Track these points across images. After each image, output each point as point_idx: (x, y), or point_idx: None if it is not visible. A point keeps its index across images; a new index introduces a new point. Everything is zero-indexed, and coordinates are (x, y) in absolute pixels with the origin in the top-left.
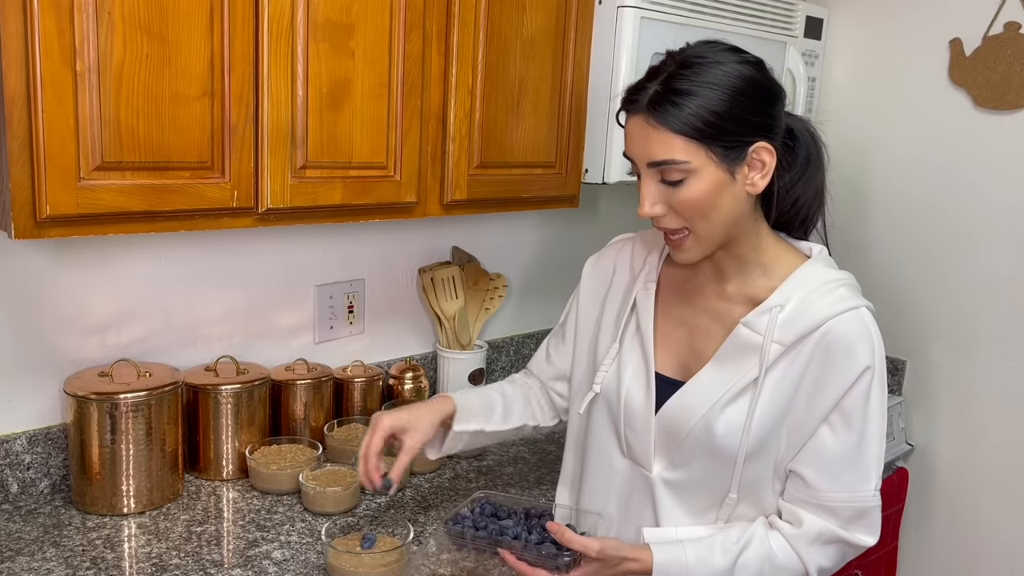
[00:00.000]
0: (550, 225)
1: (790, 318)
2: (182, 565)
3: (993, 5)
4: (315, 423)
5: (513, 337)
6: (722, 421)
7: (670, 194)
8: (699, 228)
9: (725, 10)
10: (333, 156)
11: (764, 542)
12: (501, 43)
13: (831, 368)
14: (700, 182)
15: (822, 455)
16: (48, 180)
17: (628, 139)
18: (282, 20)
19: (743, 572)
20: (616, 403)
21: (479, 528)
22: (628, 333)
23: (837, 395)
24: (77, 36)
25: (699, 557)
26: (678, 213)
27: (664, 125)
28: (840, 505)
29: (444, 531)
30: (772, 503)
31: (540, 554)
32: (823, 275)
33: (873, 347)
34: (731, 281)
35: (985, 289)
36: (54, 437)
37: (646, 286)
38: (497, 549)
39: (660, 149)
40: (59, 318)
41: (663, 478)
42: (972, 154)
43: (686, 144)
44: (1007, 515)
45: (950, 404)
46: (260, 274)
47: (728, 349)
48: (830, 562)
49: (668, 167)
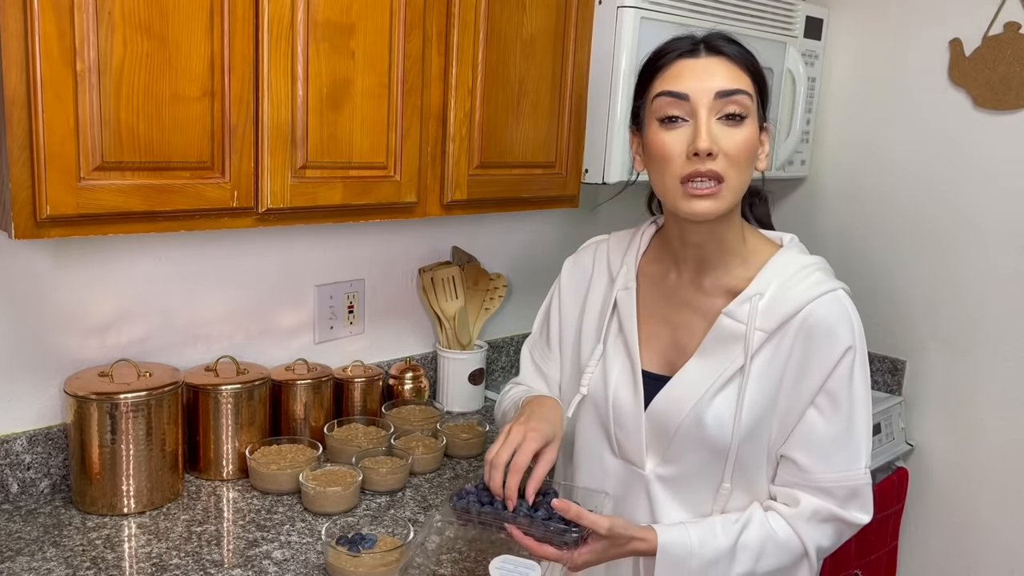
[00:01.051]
0: (550, 225)
1: (770, 305)
2: (182, 565)
3: (993, 5)
4: (315, 423)
5: (513, 337)
6: (711, 411)
7: (723, 135)
8: (734, 179)
9: (725, 10)
10: (333, 156)
11: (764, 522)
12: (501, 43)
13: (814, 351)
14: (750, 127)
15: (812, 438)
16: (48, 180)
17: (687, 76)
18: (282, 20)
19: (744, 551)
20: (604, 404)
21: (484, 503)
22: (611, 334)
23: (822, 377)
24: (77, 36)
25: (702, 538)
26: (728, 156)
27: (733, 59)
28: (834, 485)
29: (449, 506)
30: (765, 490)
31: (548, 530)
32: (798, 261)
33: (852, 327)
34: (710, 274)
35: (985, 289)
36: (54, 437)
37: (626, 285)
38: (504, 524)
39: (733, 78)
40: (59, 318)
41: (657, 474)
42: (972, 154)
43: (751, 82)
44: (1007, 515)
45: (949, 404)
46: (260, 274)
47: (712, 340)
48: (828, 541)
49: (737, 97)
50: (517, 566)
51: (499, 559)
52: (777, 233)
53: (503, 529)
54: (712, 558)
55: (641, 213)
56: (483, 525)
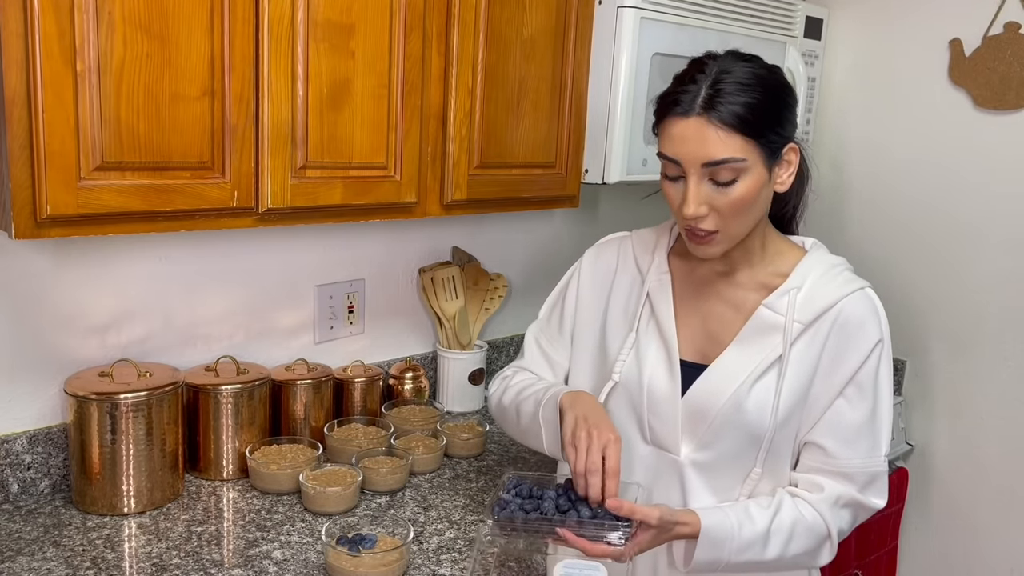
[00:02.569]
0: (550, 225)
1: (807, 299)
2: (182, 565)
3: (993, 5)
4: (315, 423)
5: (513, 337)
6: (752, 398)
7: (716, 195)
8: (732, 228)
9: (725, 10)
10: (333, 156)
11: (792, 506)
12: (501, 43)
13: (847, 344)
14: (749, 181)
15: (840, 425)
16: (48, 180)
17: (676, 140)
18: (282, 20)
19: (778, 534)
20: (638, 391)
21: (528, 511)
22: (643, 322)
23: (853, 368)
24: (77, 36)
25: (740, 521)
26: (720, 213)
27: (724, 123)
28: (857, 471)
29: (493, 519)
30: (787, 475)
31: (602, 527)
32: (827, 261)
33: (880, 322)
34: (741, 271)
35: (985, 289)
36: (54, 437)
37: (660, 278)
38: (555, 528)
39: (720, 148)
40: (59, 318)
41: (691, 460)
42: (972, 154)
43: (744, 142)
44: (1007, 515)
45: (950, 404)
46: (260, 274)
47: (750, 330)
48: (847, 524)
49: (725, 166)
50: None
51: (564, 563)
52: (799, 237)
53: (552, 534)
54: (749, 540)
55: (641, 213)
56: (529, 533)
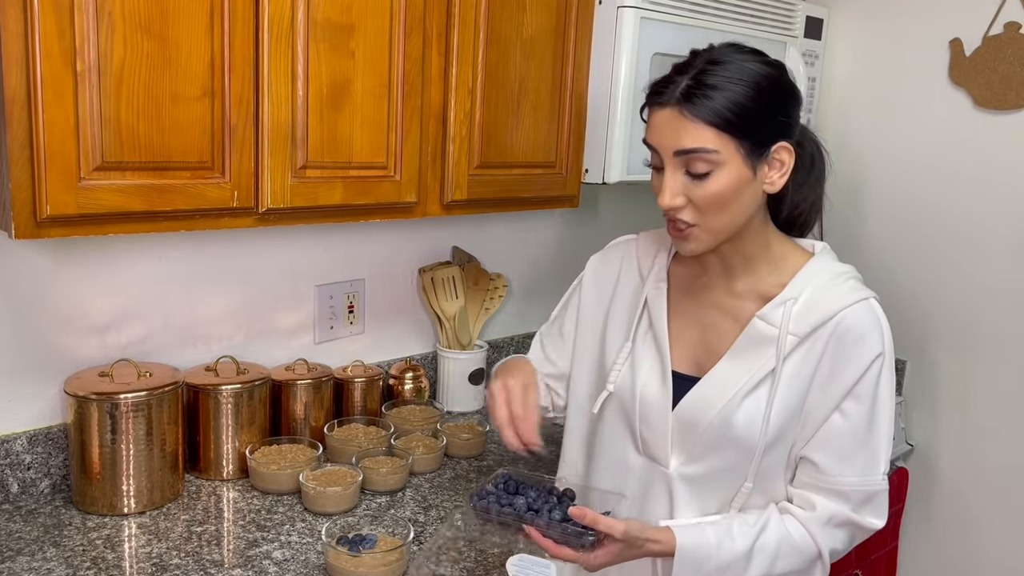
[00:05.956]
0: (550, 225)
1: (803, 310)
2: (182, 565)
3: (993, 5)
4: (315, 423)
5: (513, 337)
6: (741, 412)
7: (692, 187)
8: (712, 223)
9: (725, 10)
10: (333, 156)
11: (780, 525)
12: (501, 43)
13: (845, 356)
14: (725, 175)
15: (835, 441)
16: (48, 180)
17: (654, 129)
18: (282, 20)
19: (761, 553)
20: (631, 401)
21: (503, 504)
22: (640, 332)
23: (851, 382)
24: (77, 36)
25: (719, 540)
26: (697, 206)
27: (696, 115)
28: (851, 489)
29: (470, 506)
30: (782, 491)
31: (565, 532)
32: (831, 269)
33: (883, 335)
34: (740, 279)
35: (985, 289)
36: (54, 437)
37: (657, 285)
38: (522, 525)
39: (690, 138)
40: (59, 318)
41: (680, 473)
42: (972, 154)
43: (717, 135)
44: (1007, 515)
45: (950, 404)
46: (260, 274)
47: (744, 342)
48: (841, 544)
49: (697, 156)
50: (533, 565)
51: (516, 557)
52: (809, 240)
53: (521, 530)
54: (729, 560)
55: (641, 213)
56: (502, 525)
